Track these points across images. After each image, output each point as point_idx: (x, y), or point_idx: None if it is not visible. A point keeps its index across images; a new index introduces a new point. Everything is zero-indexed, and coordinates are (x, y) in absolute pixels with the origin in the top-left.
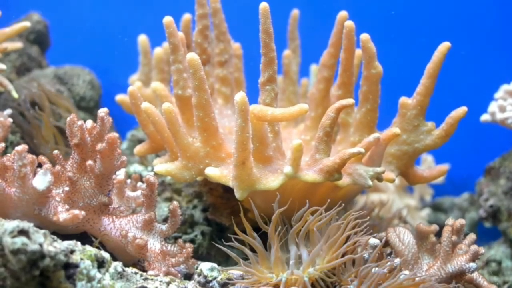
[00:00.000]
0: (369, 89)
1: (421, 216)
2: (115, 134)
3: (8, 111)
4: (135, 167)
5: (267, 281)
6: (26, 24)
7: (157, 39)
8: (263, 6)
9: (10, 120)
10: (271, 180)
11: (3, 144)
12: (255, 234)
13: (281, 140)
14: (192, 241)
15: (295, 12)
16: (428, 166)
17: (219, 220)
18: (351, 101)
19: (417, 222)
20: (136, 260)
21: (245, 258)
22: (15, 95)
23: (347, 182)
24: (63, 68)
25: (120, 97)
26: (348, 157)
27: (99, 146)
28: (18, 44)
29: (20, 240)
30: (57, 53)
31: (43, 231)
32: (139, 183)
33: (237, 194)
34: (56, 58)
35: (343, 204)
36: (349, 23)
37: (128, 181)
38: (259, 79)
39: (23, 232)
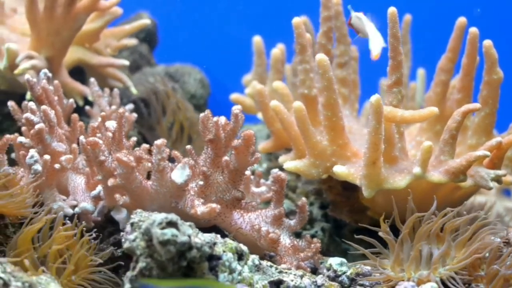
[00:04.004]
0: (489, 94)
1: None
2: (251, 131)
3: (130, 105)
4: None
5: (398, 280)
6: (146, 21)
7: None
8: (392, 11)
9: (135, 115)
10: (399, 180)
11: (134, 138)
12: (388, 230)
13: (405, 141)
14: (312, 236)
15: (408, 17)
16: None
17: (339, 217)
18: (477, 105)
19: None
20: (263, 254)
21: (363, 255)
22: (134, 91)
23: (469, 184)
24: (173, 66)
25: (235, 96)
26: (474, 160)
27: (236, 142)
28: (133, 41)
29: (170, 232)
30: (164, 51)
31: (188, 223)
32: (262, 180)
33: (365, 193)
34: (163, 57)
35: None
36: (474, 30)
37: (252, 177)
38: (386, 82)
39: (171, 224)
